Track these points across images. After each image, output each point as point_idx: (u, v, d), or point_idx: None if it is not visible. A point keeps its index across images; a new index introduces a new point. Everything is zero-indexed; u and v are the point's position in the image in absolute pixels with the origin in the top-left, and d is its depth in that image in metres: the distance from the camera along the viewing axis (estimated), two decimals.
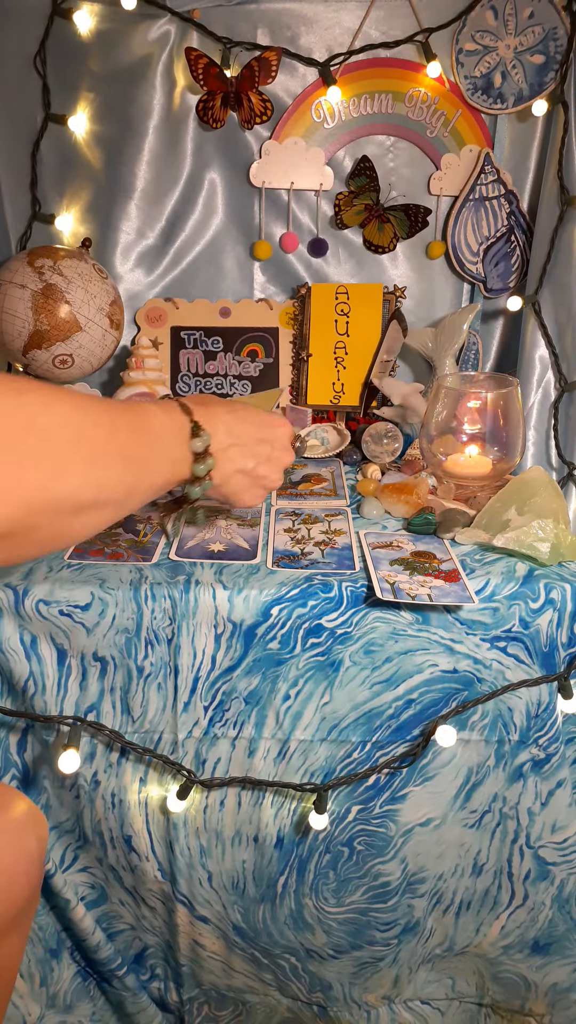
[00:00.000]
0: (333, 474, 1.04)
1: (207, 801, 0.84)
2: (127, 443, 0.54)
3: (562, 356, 1.15)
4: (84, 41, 1.11)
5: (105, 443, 0.51)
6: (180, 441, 0.60)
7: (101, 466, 0.51)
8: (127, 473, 0.54)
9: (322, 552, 0.84)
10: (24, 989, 0.89)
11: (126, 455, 0.53)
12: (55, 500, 0.47)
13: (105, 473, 0.51)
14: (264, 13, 1.11)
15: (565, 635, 0.79)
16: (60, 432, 0.47)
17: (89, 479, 0.50)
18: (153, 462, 0.57)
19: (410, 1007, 0.97)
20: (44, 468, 0.46)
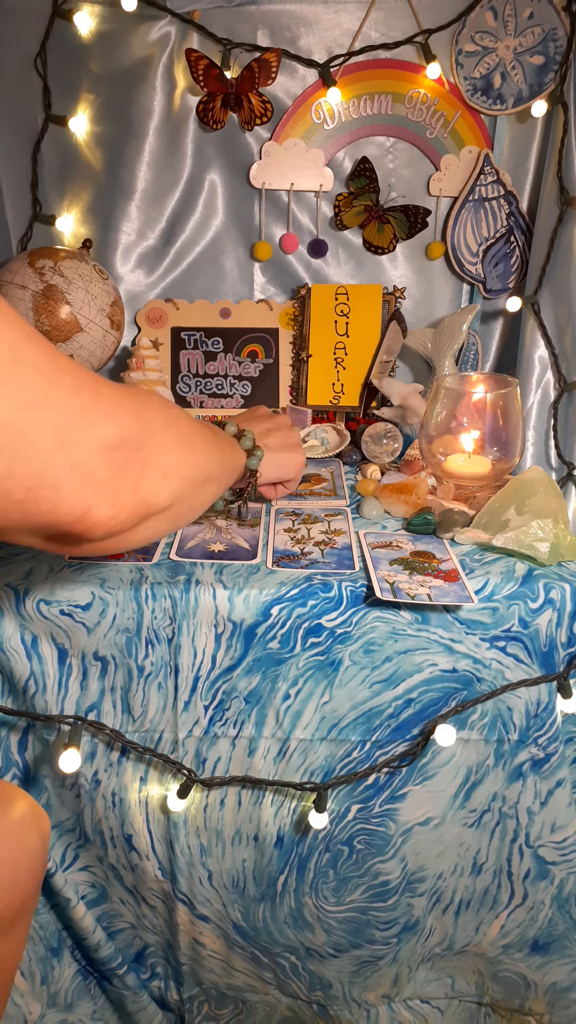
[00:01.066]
0: (333, 474, 1.05)
1: (207, 800, 0.84)
2: (215, 438, 0.71)
3: (561, 356, 1.15)
4: (84, 42, 1.11)
5: (208, 437, 0.69)
6: (235, 442, 0.80)
7: (210, 450, 0.68)
8: (222, 457, 0.72)
9: (322, 552, 0.84)
10: (25, 988, 0.89)
11: (219, 445, 0.72)
12: (195, 474, 0.63)
13: (212, 455, 0.68)
14: (264, 14, 1.11)
15: (564, 635, 0.79)
16: (188, 427, 0.63)
17: (210, 457, 0.67)
18: (228, 452, 0.75)
19: (410, 1006, 0.97)
20: (188, 450, 0.61)
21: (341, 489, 1.00)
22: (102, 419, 0.49)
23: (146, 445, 0.53)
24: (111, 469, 0.50)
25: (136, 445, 0.52)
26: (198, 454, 0.64)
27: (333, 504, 0.96)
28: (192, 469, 0.62)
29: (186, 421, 0.63)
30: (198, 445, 0.64)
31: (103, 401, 0.50)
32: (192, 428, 0.64)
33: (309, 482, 1.02)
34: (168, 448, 0.57)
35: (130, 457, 0.52)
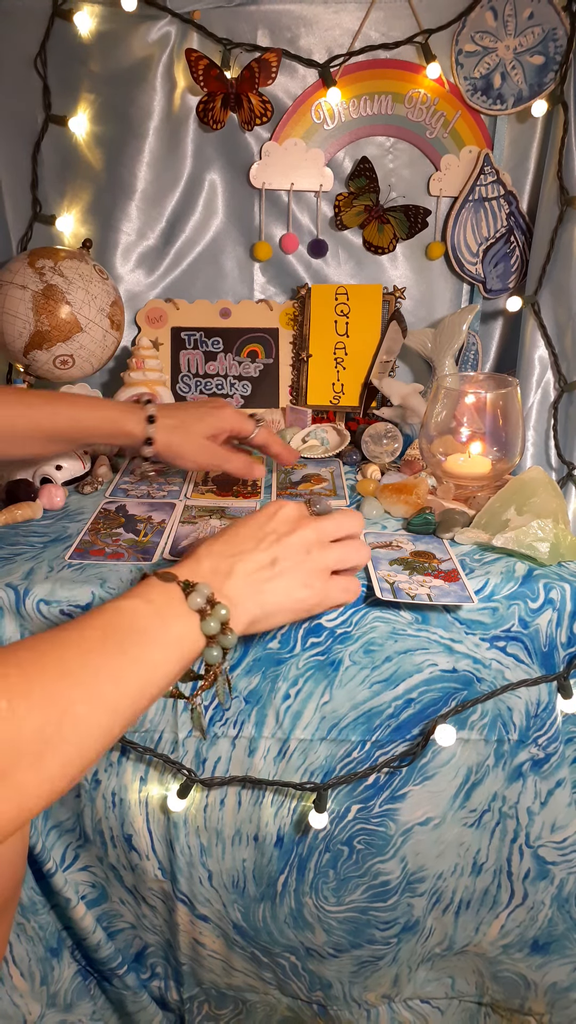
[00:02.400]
0: (333, 474, 1.05)
1: (207, 800, 0.84)
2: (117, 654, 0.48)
3: (561, 356, 1.15)
4: (84, 42, 1.11)
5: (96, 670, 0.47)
6: (177, 611, 0.53)
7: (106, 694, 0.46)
8: (137, 677, 0.49)
9: None
10: (24, 988, 0.89)
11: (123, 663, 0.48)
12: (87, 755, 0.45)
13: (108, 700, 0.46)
14: (264, 14, 1.11)
15: (564, 635, 0.79)
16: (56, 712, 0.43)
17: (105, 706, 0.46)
18: (152, 662, 0.50)
19: (410, 1006, 0.97)
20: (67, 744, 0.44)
21: (341, 489, 1.00)
22: None
23: None
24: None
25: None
26: (82, 733, 0.44)
27: (333, 504, 0.96)
28: (72, 765, 0.44)
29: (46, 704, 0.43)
30: (78, 717, 0.44)
31: None
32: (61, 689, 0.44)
33: (309, 482, 1.02)
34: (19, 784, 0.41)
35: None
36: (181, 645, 0.52)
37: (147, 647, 0.49)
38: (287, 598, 0.59)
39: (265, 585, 0.58)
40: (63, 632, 0.47)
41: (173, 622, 0.52)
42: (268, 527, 0.61)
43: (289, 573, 0.59)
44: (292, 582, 0.59)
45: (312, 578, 0.60)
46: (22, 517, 0.90)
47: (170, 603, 0.53)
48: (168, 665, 0.50)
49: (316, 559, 0.61)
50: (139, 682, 0.48)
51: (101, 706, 0.46)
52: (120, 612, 0.50)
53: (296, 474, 1.05)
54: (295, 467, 1.06)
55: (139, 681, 0.48)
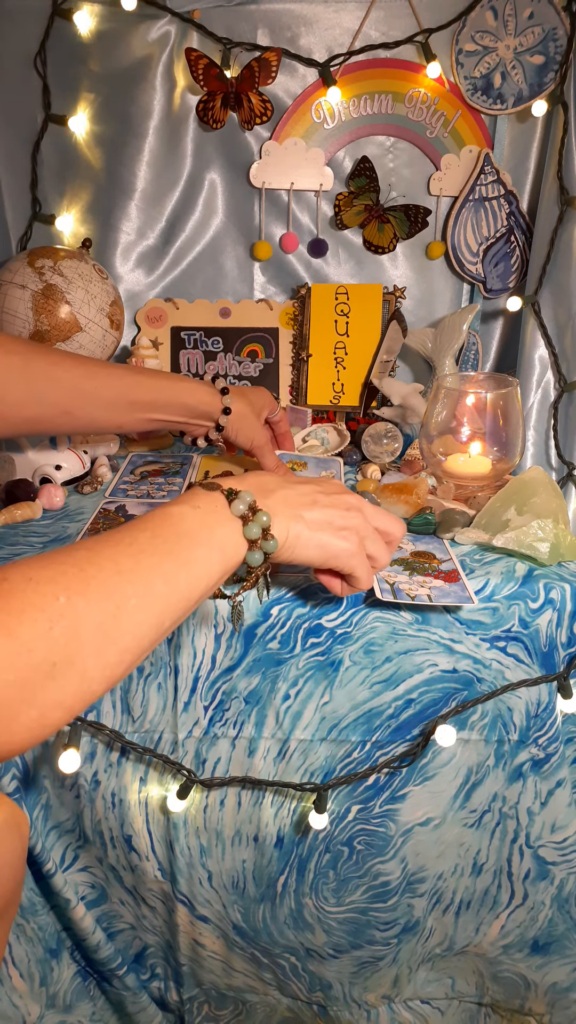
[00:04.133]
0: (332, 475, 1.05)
1: (207, 801, 0.84)
2: (168, 554, 0.51)
3: (562, 356, 1.15)
4: (84, 42, 1.11)
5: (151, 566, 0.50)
6: (222, 518, 0.55)
7: (157, 590, 0.49)
8: (187, 576, 0.52)
9: None
10: (24, 989, 0.89)
11: (175, 563, 0.51)
12: (136, 650, 0.48)
13: (159, 597, 0.50)
14: (264, 14, 1.11)
15: (565, 635, 0.79)
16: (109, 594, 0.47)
17: (157, 603, 0.49)
18: (199, 559, 0.53)
19: (410, 1006, 0.97)
20: (116, 640, 0.47)
21: None
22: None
23: (44, 687, 0.43)
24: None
25: (23, 698, 0.42)
26: (136, 624, 0.48)
27: None
28: (129, 652, 0.47)
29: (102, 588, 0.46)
30: (132, 610, 0.47)
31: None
32: (117, 584, 0.47)
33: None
34: (82, 670, 0.44)
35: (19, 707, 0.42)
36: (224, 549, 0.55)
37: (194, 549, 0.53)
38: (321, 531, 0.61)
39: (304, 511, 0.61)
40: (116, 534, 0.51)
41: (217, 527, 0.55)
42: (318, 487, 0.64)
43: (329, 511, 0.62)
44: (330, 518, 0.61)
45: (349, 533, 0.62)
46: (21, 517, 0.90)
47: (215, 509, 0.56)
48: (213, 566, 0.54)
49: (355, 520, 0.63)
50: (188, 580, 0.52)
51: (153, 601, 0.49)
52: (168, 517, 0.54)
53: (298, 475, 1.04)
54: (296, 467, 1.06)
55: (188, 579, 0.52)
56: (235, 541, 0.56)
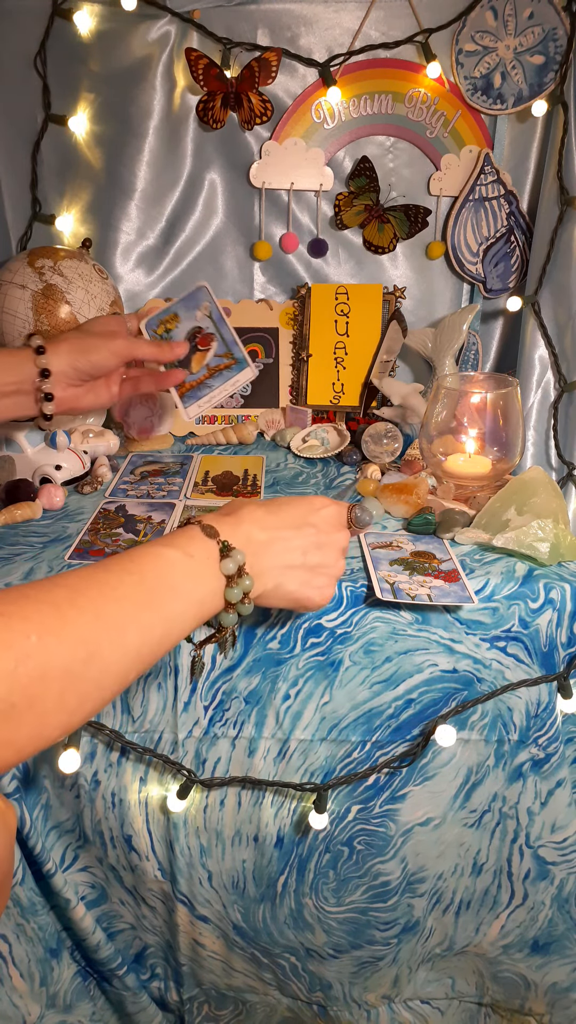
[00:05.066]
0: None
1: (207, 801, 0.84)
2: (148, 605, 0.50)
3: (562, 356, 1.15)
4: (84, 41, 1.11)
5: (126, 621, 0.48)
6: (209, 573, 0.55)
7: (130, 643, 0.48)
8: (162, 627, 0.51)
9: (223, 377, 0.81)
10: (24, 989, 0.89)
11: (153, 617, 0.50)
12: (99, 700, 0.47)
13: (130, 649, 0.48)
14: (264, 14, 1.11)
15: (564, 635, 0.79)
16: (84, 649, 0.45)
17: (127, 654, 0.48)
18: (176, 617, 0.52)
19: (410, 1006, 0.97)
20: (82, 693, 0.45)
21: (240, 354, 0.93)
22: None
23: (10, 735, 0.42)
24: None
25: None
26: (103, 673, 0.46)
27: (240, 380, 0.92)
28: (91, 701, 0.46)
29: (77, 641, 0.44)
30: (103, 658, 0.46)
31: None
32: (93, 631, 0.45)
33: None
34: (41, 713, 0.43)
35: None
36: (203, 603, 0.54)
37: (176, 603, 0.52)
38: (298, 590, 0.62)
39: (289, 572, 0.61)
40: (103, 572, 0.49)
41: (203, 582, 0.54)
42: (311, 519, 0.62)
43: (313, 571, 0.62)
44: (310, 579, 0.62)
45: (326, 582, 0.64)
46: (21, 517, 0.90)
47: (206, 560, 0.55)
48: (188, 620, 0.53)
49: (337, 568, 0.64)
50: (162, 635, 0.51)
51: (124, 652, 0.48)
52: (159, 561, 0.52)
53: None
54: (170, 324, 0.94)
55: (163, 634, 0.51)
56: (215, 599, 0.55)
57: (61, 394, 0.82)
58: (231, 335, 0.86)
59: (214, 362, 0.86)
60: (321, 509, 0.64)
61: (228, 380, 0.84)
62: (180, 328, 0.87)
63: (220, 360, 0.85)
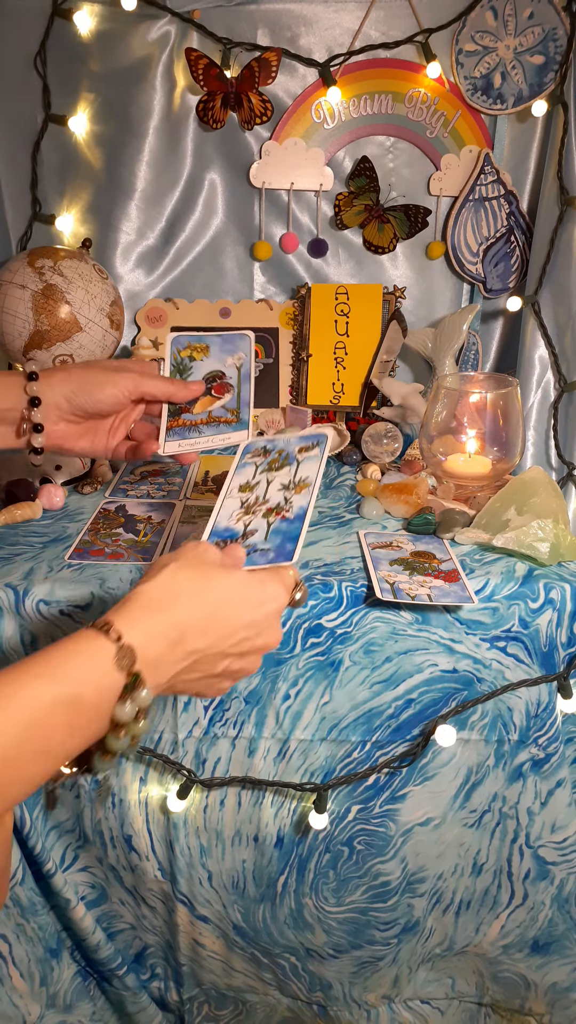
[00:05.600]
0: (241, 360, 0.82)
1: (207, 801, 0.84)
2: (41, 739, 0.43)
3: (562, 356, 1.15)
4: (84, 41, 1.11)
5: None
6: (105, 713, 0.47)
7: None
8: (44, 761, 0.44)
9: (268, 527, 0.65)
10: (24, 989, 0.89)
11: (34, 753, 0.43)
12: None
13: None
14: (264, 14, 1.11)
15: (564, 635, 0.79)
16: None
17: None
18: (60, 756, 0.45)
19: (410, 1006, 0.97)
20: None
21: (246, 416, 0.80)
22: None
23: None
24: None
25: None
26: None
27: (230, 440, 0.78)
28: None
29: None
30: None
31: None
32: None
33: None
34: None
35: None
36: (86, 744, 0.47)
37: (64, 747, 0.45)
38: (192, 691, 0.56)
39: (196, 682, 0.55)
40: (13, 701, 0.43)
41: (96, 726, 0.47)
42: (251, 618, 0.54)
43: (221, 677, 0.56)
44: (215, 683, 0.56)
45: (230, 684, 0.58)
46: (21, 517, 0.90)
47: (106, 700, 0.46)
48: (66, 760, 0.47)
49: (250, 670, 0.58)
50: (40, 773, 0.45)
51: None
52: (56, 707, 0.44)
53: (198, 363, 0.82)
54: (196, 352, 0.81)
55: (41, 772, 0.45)
56: (97, 741, 0.48)
57: (52, 427, 0.72)
58: (248, 395, 0.77)
59: (218, 412, 0.77)
60: (265, 604, 0.55)
61: (220, 434, 0.75)
62: (204, 363, 0.78)
63: (224, 413, 0.76)
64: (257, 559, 0.61)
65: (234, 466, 0.71)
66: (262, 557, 0.61)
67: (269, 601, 0.56)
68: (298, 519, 0.64)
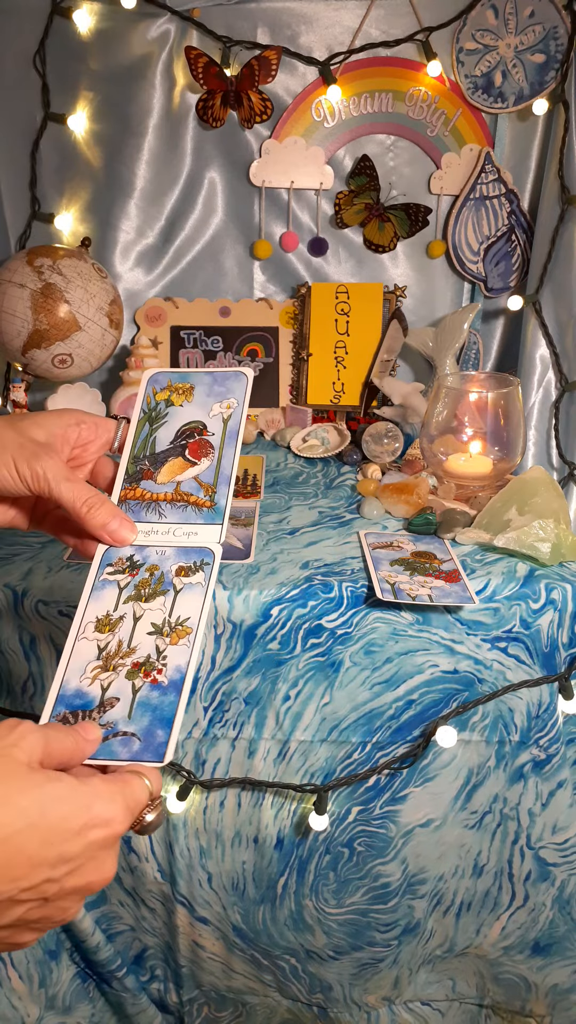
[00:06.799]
0: (231, 407, 0.57)
1: (207, 802, 0.83)
2: None
3: (563, 355, 1.15)
4: (84, 40, 1.11)
5: None
6: None
7: None
8: None
9: (133, 696, 0.46)
10: (23, 990, 0.89)
11: None
12: None
13: None
14: (264, 12, 1.11)
15: (566, 635, 0.78)
16: None
17: None
18: None
19: (410, 1008, 0.97)
20: None
21: (222, 500, 0.53)
22: None
23: None
24: None
25: None
26: None
27: (198, 537, 0.52)
28: None
29: None
30: None
31: None
32: None
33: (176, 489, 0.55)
34: None
35: None
36: None
37: None
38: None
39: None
40: None
41: None
42: (55, 871, 0.38)
43: (16, 929, 0.40)
44: (7, 936, 0.41)
45: (30, 938, 0.42)
46: None
47: None
48: None
49: (62, 917, 0.41)
50: None
51: None
52: None
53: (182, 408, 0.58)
54: (177, 393, 0.58)
55: None
56: None
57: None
58: (231, 467, 0.55)
59: (189, 487, 0.54)
60: (89, 831, 0.39)
61: (185, 524, 0.52)
62: (184, 410, 0.57)
63: (196, 490, 0.54)
64: (116, 749, 0.44)
65: (88, 586, 0.50)
66: (123, 747, 0.44)
67: (97, 827, 0.39)
68: (174, 688, 0.46)
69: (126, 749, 0.44)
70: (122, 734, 0.45)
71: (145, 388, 0.59)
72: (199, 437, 0.57)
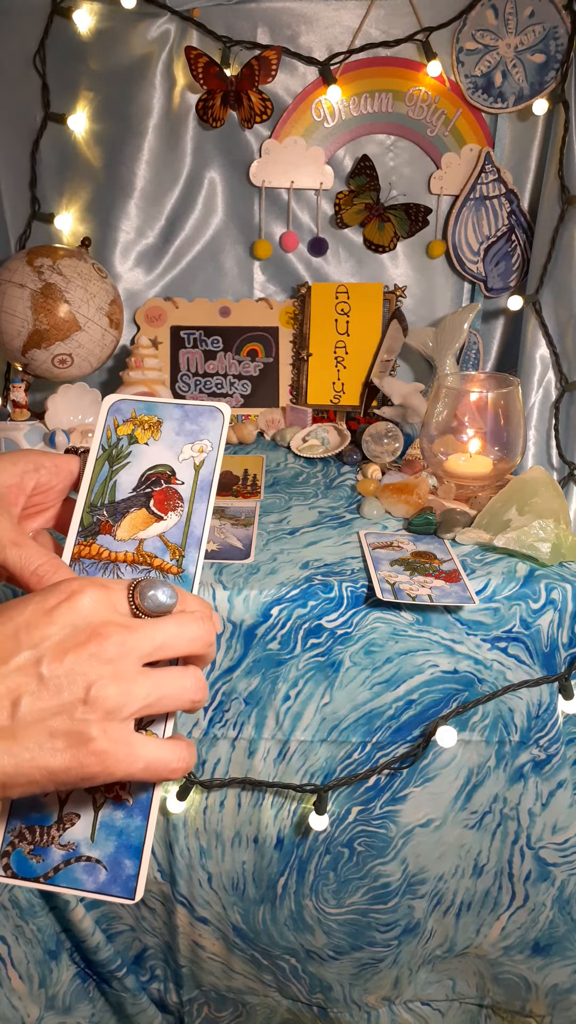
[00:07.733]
0: (205, 449, 0.49)
1: (207, 802, 0.83)
2: None
3: (563, 355, 1.15)
4: (84, 40, 1.11)
5: None
6: None
7: None
8: None
9: (95, 816, 0.42)
10: (23, 990, 0.89)
11: None
12: None
13: None
14: (264, 12, 1.11)
15: (566, 635, 0.78)
16: None
17: None
18: None
19: (410, 1008, 0.97)
20: None
21: (191, 567, 0.45)
22: None
23: None
24: None
25: None
26: None
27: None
28: None
29: None
30: None
31: None
32: None
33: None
34: None
35: None
36: None
37: None
38: (29, 766, 0.35)
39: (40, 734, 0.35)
40: None
41: None
42: (42, 629, 0.35)
43: (34, 727, 0.35)
44: (36, 741, 0.35)
45: (77, 731, 0.35)
46: None
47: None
48: None
49: (98, 703, 0.35)
50: None
51: None
52: None
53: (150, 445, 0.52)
54: (143, 427, 0.50)
55: None
56: None
57: None
58: (202, 526, 0.46)
59: (153, 546, 0.46)
60: (70, 603, 0.36)
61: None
62: (149, 450, 0.48)
63: (162, 551, 0.45)
64: (80, 877, 0.40)
65: None
66: (87, 875, 0.40)
67: (63, 587, 0.37)
68: (140, 809, 0.41)
69: (91, 879, 0.40)
70: (84, 860, 0.40)
71: (105, 419, 0.49)
72: (166, 485, 0.48)
